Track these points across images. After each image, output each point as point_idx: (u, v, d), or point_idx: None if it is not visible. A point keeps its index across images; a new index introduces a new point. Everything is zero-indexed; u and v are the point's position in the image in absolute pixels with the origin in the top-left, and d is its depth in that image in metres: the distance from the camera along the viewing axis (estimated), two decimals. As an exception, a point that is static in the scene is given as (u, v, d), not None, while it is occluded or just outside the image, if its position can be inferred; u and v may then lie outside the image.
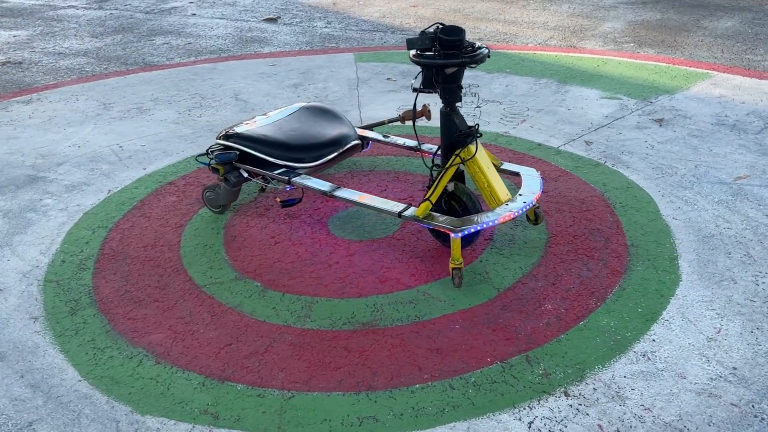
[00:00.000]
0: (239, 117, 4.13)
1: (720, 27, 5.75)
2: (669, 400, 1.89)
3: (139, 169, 3.49)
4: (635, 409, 1.87)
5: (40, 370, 2.12)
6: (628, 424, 1.82)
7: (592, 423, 1.83)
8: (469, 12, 6.79)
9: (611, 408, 1.88)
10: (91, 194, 3.25)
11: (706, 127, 3.69)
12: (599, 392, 1.93)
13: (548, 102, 4.17)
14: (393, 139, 3.10)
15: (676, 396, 1.90)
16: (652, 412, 1.85)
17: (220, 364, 2.12)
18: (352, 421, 1.87)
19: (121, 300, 2.45)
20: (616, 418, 1.84)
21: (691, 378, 1.97)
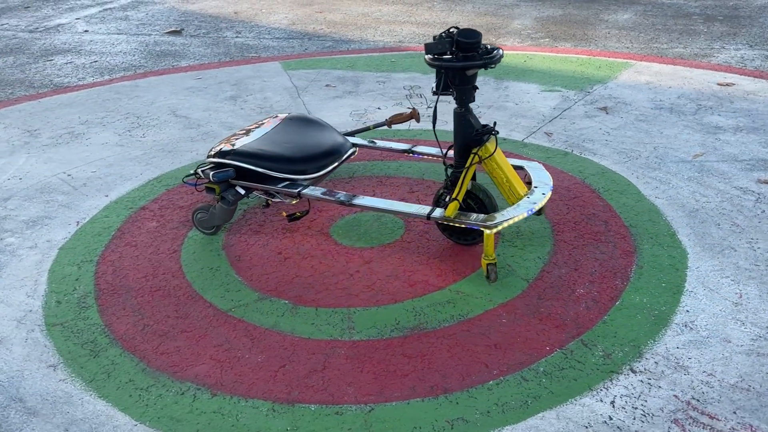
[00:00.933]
0: (186, 134, 3.96)
1: (620, 20, 6.17)
2: (725, 364, 2.03)
3: (100, 197, 3.26)
4: (699, 376, 1.99)
5: (86, 420, 1.95)
6: (700, 390, 1.94)
7: (668, 395, 1.93)
8: (378, 16, 6.86)
9: (678, 378, 1.99)
10: (57, 228, 3.00)
11: (647, 111, 3.96)
12: (661, 365, 2.04)
13: (494, 98, 4.30)
14: (381, 144, 3.09)
15: (729, 359, 2.05)
16: (716, 377, 1.98)
17: (283, 387, 2.04)
18: (443, 425, 1.87)
19: (144, 335, 2.29)
20: (686, 386, 1.96)
21: (736, 341, 2.12)
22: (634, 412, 1.87)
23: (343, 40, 6.02)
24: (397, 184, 3.24)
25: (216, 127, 4.06)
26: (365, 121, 4.06)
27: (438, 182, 3.22)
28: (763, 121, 3.74)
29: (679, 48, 5.21)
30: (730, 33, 5.55)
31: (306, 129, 2.92)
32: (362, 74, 4.92)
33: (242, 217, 3.01)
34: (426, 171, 3.35)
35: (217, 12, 7.41)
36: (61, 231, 2.97)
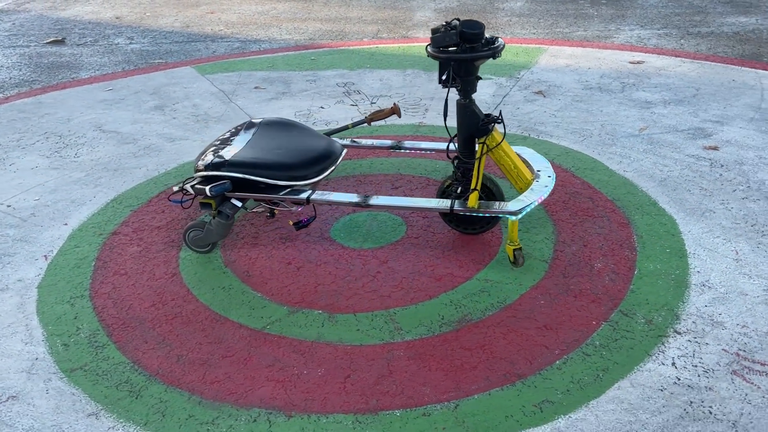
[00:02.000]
0: (125, 150, 3.70)
1: (515, 7, 6.47)
2: (753, 315, 2.23)
3: (58, 226, 2.99)
4: (735, 329, 2.18)
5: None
6: (741, 341, 2.12)
7: (717, 350, 2.09)
8: (276, 14, 6.74)
9: (719, 334, 2.16)
10: (24, 264, 2.72)
11: (580, 92, 4.21)
12: (699, 324, 2.20)
13: (431, 90, 4.38)
14: (368, 142, 3.07)
15: (753, 310, 2.25)
16: (749, 327, 2.18)
17: (357, 397, 1.99)
18: (532, 410, 1.91)
19: (183, 367, 2.15)
20: (729, 340, 2.13)
21: (751, 293, 2.33)
22: (695, 370, 2.01)
23: (250, 40, 5.85)
24: (376, 182, 3.23)
25: (155, 140, 3.83)
26: (314, 121, 3.99)
27: (416, 176, 3.24)
28: (683, 94, 4.08)
29: (580, 31, 5.55)
30: (619, 15, 5.98)
31: (290, 133, 2.83)
32: (287, 74, 4.82)
33: (231, 231, 2.87)
34: (403, 166, 3.36)
35: (96, 18, 6.94)
36: (29, 268, 2.69)
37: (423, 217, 2.90)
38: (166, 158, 3.59)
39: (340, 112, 4.09)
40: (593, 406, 1.91)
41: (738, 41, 5.08)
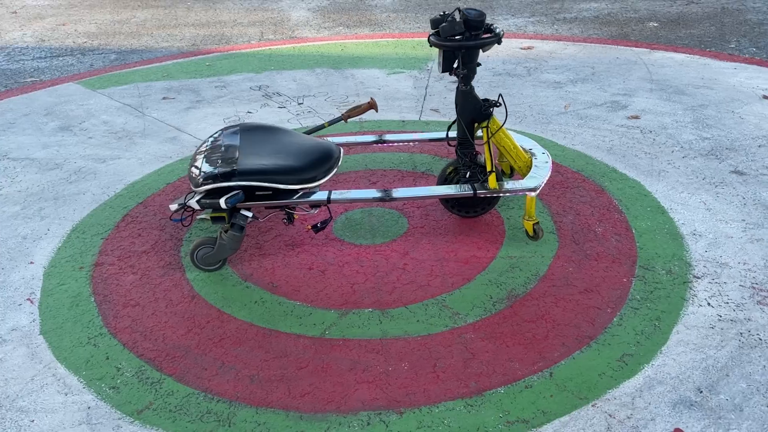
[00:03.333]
0: (55, 177, 3.38)
1: (386, 3, 6.65)
2: (746, 253, 2.56)
3: (24, 266, 2.67)
4: (739, 267, 2.49)
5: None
6: (750, 277, 2.43)
7: (735, 286, 2.39)
8: (139, 22, 6.38)
9: (730, 273, 2.46)
10: (9, 312, 2.41)
11: (493, 79, 4.47)
12: (710, 267, 2.50)
13: (352, 87, 4.43)
14: (352, 139, 3.05)
15: (744, 249, 2.59)
16: (749, 264, 2.50)
17: (455, 383, 2.03)
18: (618, 365, 2.08)
19: (262, 386, 2.05)
20: (740, 276, 2.44)
21: (735, 236, 2.68)
22: (729, 306, 2.29)
23: (126, 50, 5.50)
24: (350, 179, 3.23)
25: (82, 162, 3.51)
26: (252, 127, 3.87)
27: (387, 170, 3.28)
28: (583, 73, 4.49)
29: (461, 22, 5.84)
30: (487, 6, 6.38)
31: (281, 136, 2.76)
32: (190, 82, 4.61)
33: (231, 245, 2.74)
34: (369, 162, 3.38)
35: (-76, 37, 6.12)
36: (18, 315, 2.39)
37: (418, 207, 2.96)
38: (107, 180, 3.31)
39: (271, 115, 4.01)
40: (666, 352, 2.11)
41: (601, 24, 5.65)
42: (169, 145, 3.68)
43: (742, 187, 3.02)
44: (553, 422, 1.88)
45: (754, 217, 2.78)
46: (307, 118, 3.94)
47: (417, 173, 3.24)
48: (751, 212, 2.82)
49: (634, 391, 1.97)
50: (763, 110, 3.79)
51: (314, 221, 2.80)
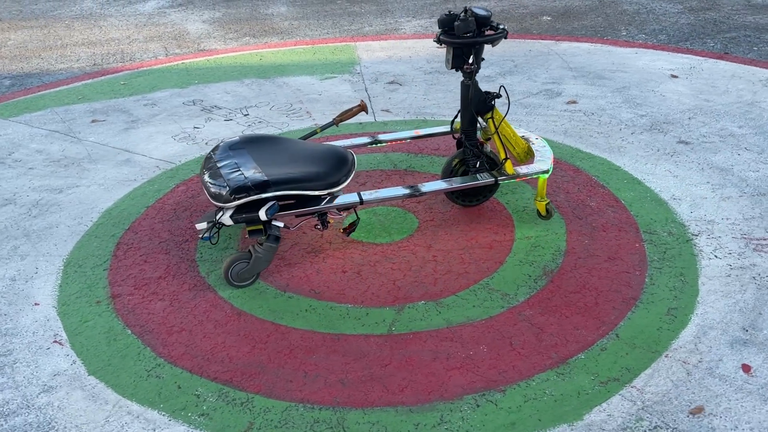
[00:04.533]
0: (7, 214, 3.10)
1: (283, 12, 6.62)
2: (724, 210, 2.90)
3: (29, 309, 2.46)
4: (724, 222, 2.81)
5: None
6: (737, 229, 2.75)
7: (729, 239, 2.70)
8: (19, 44, 5.90)
9: (719, 228, 2.78)
10: (40, 359, 2.22)
11: (426, 77, 4.64)
12: (701, 225, 2.80)
13: (291, 94, 4.41)
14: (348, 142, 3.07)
15: (721, 206, 2.92)
16: (731, 219, 2.83)
17: (538, 356, 2.15)
18: (666, 320, 2.29)
19: (357, 388, 2.05)
20: (728, 230, 2.75)
21: (709, 196, 3.01)
22: (733, 257, 2.59)
23: (21, 75, 5.08)
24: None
25: (36, 195, 3.25)
26: (205, 140, 3.76)
27: (371, 170, 3.33)
28: (506, 66, 4.78)
29: (367, 27, 5.98)
30: (385, 10, 6.55)
31: (288, 145, 2.73)
32: (113, 102, 4.37)
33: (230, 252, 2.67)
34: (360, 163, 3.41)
35: None
36: (53, 360, 2.20)
37: (418, 202, 3.04)
38: (76, 210, 3.09)
39: (222, 128, 3.91)
40: (702, 302, 2.36)
41: (500, 21, 6.00)
42: (126, 168, 3.48)
43: (693, 154, 3.38)
44: (640, 376, 2.04)
45: (716, 179, 3.14)
46: (260, 128, 3.88)
47: (400, 171, 3.31)
48: (711, 175, 3.18)
49: (693, 338, 2.19)
50: (677, 87, 4.24)
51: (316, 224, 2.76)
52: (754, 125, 3.67)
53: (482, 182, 2.70)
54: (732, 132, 3.60)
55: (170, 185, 3.28)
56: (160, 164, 3.50)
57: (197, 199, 3.14)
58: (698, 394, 1.98)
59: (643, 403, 1.95)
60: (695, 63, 4.65)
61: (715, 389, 1.99)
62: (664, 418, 1.90)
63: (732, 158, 3.33)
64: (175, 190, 3.23)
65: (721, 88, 4.21)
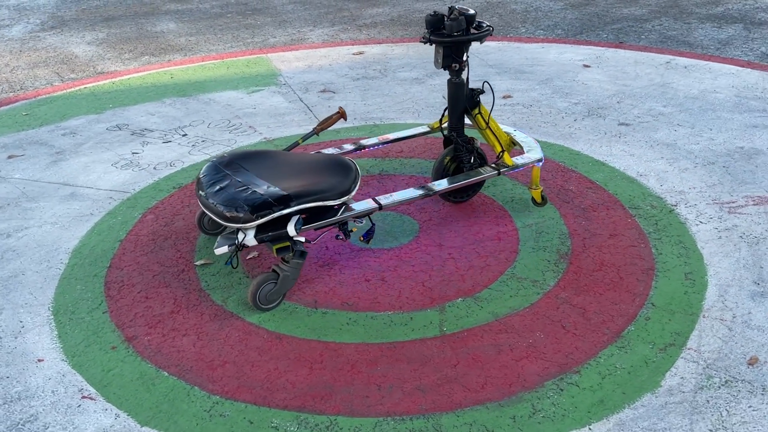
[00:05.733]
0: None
1: (170, 29, 6.33)
2: (689, 180, 3.15)
3: (33, 366, 2.19)
4: (693, 192, 3.06)
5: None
6: (707, 195, 3.00)
7: (705, 205, 2.93)
8: None
9: (693, 196, 3.01)
10: (78, 418, 1.99)
11: (357, 83, 4.63)
12: (679, 196, 3.02)
13: (223, 111, 4.24)
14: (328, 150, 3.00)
15: (685, 178, 3.18)
16: (696, 187, 3.08)
17: (593, 334, 2.22)
18: (687, 284, 2.46)
19: (440, 392, 2.01)
20: (701, 197, 2.99)
21: (669, 170, 3.26)
22: (714, 221, 2.82)
23: None
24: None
25: (-17, 241, 2.90)
26: (151, 165, 3.52)
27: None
28: (430, 68, 4.87)
29: (272, 38, 5.86)
30: (281, 21, 6.45)
31: (285, 157, 2.63)
32: (24, 135, 3.98)
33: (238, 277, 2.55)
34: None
35: None
36: (91, 417, 1.98)
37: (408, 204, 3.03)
38: (39, 254, 2.79)
39: (164, 151, 3.68)
40: (709, 264, 2.55)
41: (402, 25, 6.11)
42: (75, 202, 3.18)
43: (637, 134, 3.64)
44: (690, 338, 2.18)
45: (667, 154, 3.40)
46: (206, 147, 3.69)
47: (377, 176, 3.29)
48: (661, 151, 3.44)
49: (718, 297, 2.36)
50: (593, 76, 4.54)
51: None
52: (675, 104, 4.01)
53: (487, 176, 2.75)
54: (660, 111, 3.91)
55: (135, 215, 3.04)
56: (113, 195, 3.23)
57: (173, 226, 2.94)
58: (747, 346, 2.13)
59: (705, 362, 2.07)
60: (599, 53, 5.00)
61: (758, 339, 2.16)
62: (730, 373, 2.03)
63: (671, 134, 3.61)
64: (144, 220, 2.99)
65: (632, 73, 4.55)
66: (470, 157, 2.88)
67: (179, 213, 3.04)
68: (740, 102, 4.00)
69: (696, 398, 1.95)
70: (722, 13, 5.96)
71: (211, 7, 7.08)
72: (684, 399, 1.95)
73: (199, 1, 7.35)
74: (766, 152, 3.38)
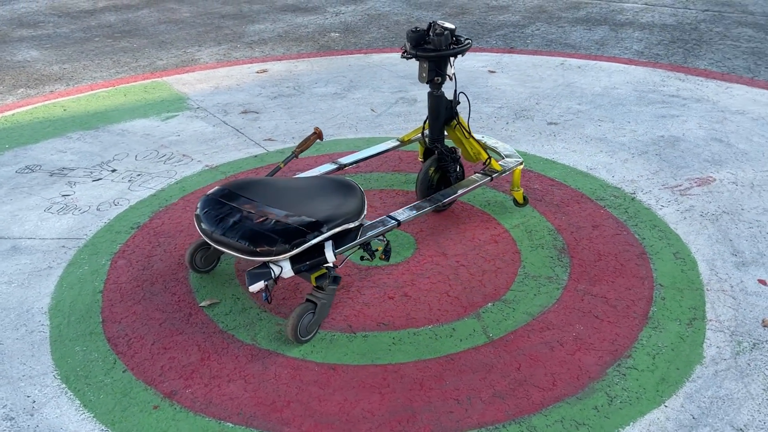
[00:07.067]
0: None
1: (33, 56, 5.80)
2: (639, 171, 3.44)
3: (68, 413, 1.96)
4: (643, 181, 3.35)
5: (662, 436, 1.91)
6: (658, 181, 3.31)
7: (666, 191, 3.23)
8: None
9: (645, 185, 3.30)
10: None
11: (278, 99, 4.54)
12: (647, 183, 3.30)
13: (144, 141, 3.98)
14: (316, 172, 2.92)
15: (629, 167, 3.47)
16: (643, 175, 3.39)
17: (628, 319, 2.38)
18: (686, 261, 2.70)
19: (518, 395, 2.06)
20: (655, 185, 3.30)
21: (616, 158, 3.54)
22: (672, 203, 3.11)
23: None
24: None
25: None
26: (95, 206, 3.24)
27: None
28: (345, 83, 4.88)
29: (159, 61, 5.55)
30: (160, 42, 6.13)
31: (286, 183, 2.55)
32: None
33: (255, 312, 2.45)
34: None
35: None
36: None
37: (393, 217, 3.04)
38: (9, 319, 2.47)
39: (97, 190, 3.40)
40: (687, 241, 2.80)
41: (294, 41, 6.04)
42: (21, 257, 2.84)
43: (567, 132, 3.91)
44: (706, 311, 2.39)
45: (604, 148, 3.69)
46: (147, 181, 3.45)
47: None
48: (598, 145, 3.72)
49: (710, 271, 2.61)
50: (503, 80, 4.80)
51: None
52: (587, 101, 4.35)
53: (482, 182, 2.82)
54: (578, 109, 4.23)
55: (103, 262, 2.77)
56: (64, 243, 2.92)
57: (153, 270, 2.72)
58: (754, 311, 2.39)
59: (729, 330, 2.29)
60: (497, 59, 5.28)
61: (761, 303, 2.42)
62: (753, 336, 2.26)
63: (599, 130, 3.92)
64: (116, 267, 2.74)
65: (535, 76, 4.87)
66: (456, 167, 2.94)
67: (153, 254, 2.82)
68: (641, 96, 4.42)
69: (738, 363, 2.15)
70: (586, 17, 6.53)
71: (71, 31, 6.57)
72: (729, 366, 2.14)
73: (55, 26, 6.79)
74: (684, 139, 3.77)
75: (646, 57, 5.28)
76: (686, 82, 4.69)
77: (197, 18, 6.94)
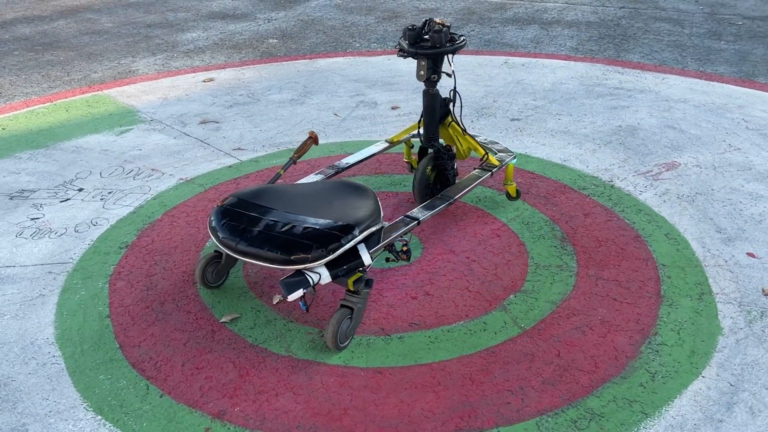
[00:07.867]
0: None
1: None
2: (605, 160, 3.61)
3: None
4: (621, 173, 3.52)
5: None
6: (628, 168, 3.49)
7: (642, 178, 3.41)
8: None
9: (622, 175, 3.47)
10: None
11: (236, 108, 4.44)
12: (629, 178, 3.46)
13: (104, 158, 3.80)
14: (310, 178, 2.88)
15: (597, 156, 3.63)
16: (613, 163, 3.56)
17: (649, 299, 2.50)
18: (672, 242, 2.86)
19: (564, 381, 2.12)
20: (628, 173, 3.47)
21: (585, 145, 3.70)
22: (654, 187, 3.28)
23: None
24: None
25: None
26: (72, 227, 3.07)
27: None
28: (298, 89, 4.83)
29: (94, 74, 5.30)
30: (88, 53, 5.85)
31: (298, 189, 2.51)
32: None
33: (281, 323, 2.42)
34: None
35: None
36: None
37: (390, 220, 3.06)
38: (14, 352, 2.31)
39: (71, 211, 3.22)
40: (674, 222, 2.97)
41: (234, 48, 5.91)
42: (7, 286, 2.65)
43: (532, 127, 4.04)
44: (711, 286, 2.54)
45: (571, 140, 3.84)
46: (120, 199, 3.30)
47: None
48: (564, 138, 3.87)
49: (702, 249, 2.78)
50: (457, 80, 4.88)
51: None
52: (541, 97, 4.51)
53: (484, 178, 2.88)
54: (535, 105, 4.38)
55: (100, 286, 2.63)
56: (50, 268, 2.75)
57: (159, 289, 2.61)
58: (752, 281, 2.56)
59: (737, 301, 2.45)
60: (441, 59, 5.37)
61: (755, 274, 2.60)
62: (758, 305, 2.43)
63: (560, 124, 4.07)
64: (117, 290, 2.61)
65: (485, 75, 5.00)
66: (452, 164, 2.98)
67: (152, 274, 2.70)
68: (589, 89, 4.63)
69: (754, 331, 2.30)
70: (514, 17, 6.75)
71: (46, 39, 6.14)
72: (747, 334, 2.29)
73: (-37, 42, 6.33)
74: (640, 127, 3.98)
75: (582, 53, 5.52)
76: (625, 74, 4.95)
77: (121, 28, 6.66)
